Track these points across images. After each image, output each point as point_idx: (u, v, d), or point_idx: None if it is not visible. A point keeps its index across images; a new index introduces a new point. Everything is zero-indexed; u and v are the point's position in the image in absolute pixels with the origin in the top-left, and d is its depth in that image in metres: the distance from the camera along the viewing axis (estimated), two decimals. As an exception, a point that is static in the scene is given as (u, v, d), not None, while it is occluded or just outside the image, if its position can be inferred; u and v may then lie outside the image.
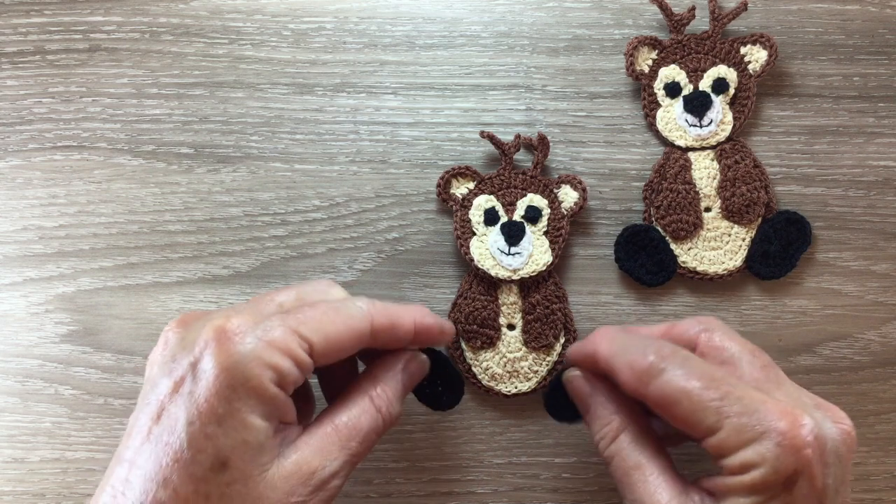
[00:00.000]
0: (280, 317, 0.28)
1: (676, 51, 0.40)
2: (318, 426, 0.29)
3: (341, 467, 0.29)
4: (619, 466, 0.31)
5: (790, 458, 0.27)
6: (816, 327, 0.40)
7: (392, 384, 0.32)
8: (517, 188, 0.40)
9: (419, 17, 0.41)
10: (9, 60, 0.41)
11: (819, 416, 0.28)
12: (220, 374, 0.26)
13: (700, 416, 0.28)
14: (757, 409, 0.27)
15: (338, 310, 0.29)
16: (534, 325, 0.39)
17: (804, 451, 0.27)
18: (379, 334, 0.30)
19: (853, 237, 0.40)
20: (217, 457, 0.26)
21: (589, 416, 0.33)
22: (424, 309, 0.33)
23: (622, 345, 0.31)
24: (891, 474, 0.40)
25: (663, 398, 0.29)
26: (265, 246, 0.41)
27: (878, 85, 0.41)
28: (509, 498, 0.40)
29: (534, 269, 0.39)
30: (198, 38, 0.41)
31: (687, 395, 0.28)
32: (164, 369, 0.28)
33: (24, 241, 0.41)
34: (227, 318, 0.28)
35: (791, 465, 0.27)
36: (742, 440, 0.27)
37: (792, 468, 0.27)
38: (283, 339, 0.27)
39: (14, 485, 0.40)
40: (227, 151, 0.41)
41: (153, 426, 0.27)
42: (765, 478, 0.27)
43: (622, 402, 0.32)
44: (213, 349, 0.27)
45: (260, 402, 0.27)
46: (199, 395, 0.26)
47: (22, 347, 0.40)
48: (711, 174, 0.40)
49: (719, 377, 0.28)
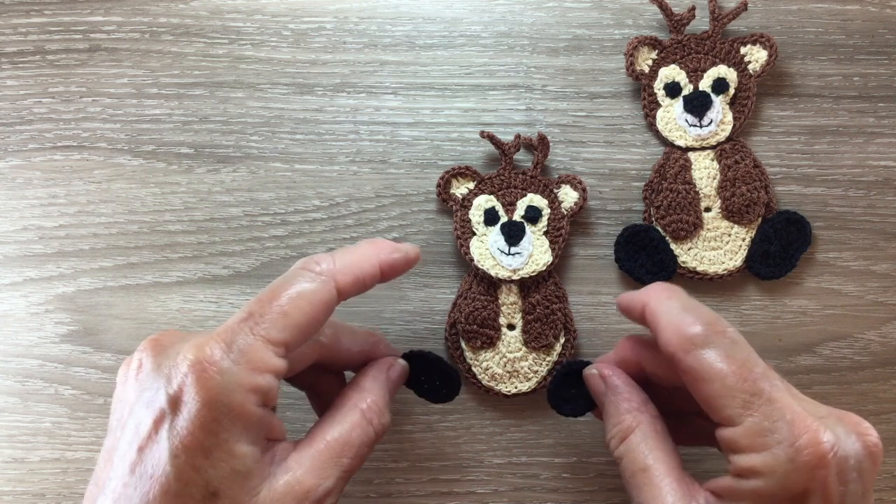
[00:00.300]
0: (248, 327, 0.28)
1: (676, 51, 0.40)
2: (309, 444, 0.29)
3: (335, 484, 0.29)
4: (627, 467, 0.31)
5: (801, 476, 0.26)
6: (816, 327, 0.40)
7: (380, 394, 0.32)
8: (517, 188, 0.40)
9: (419, 17, 0.41)
10: (9, 60, 0.41)
11: (841, 431, 0.27)
12: (203, 408, 0.26)
13: (724, 403, 0.27)
14: (784, 415, 0.27)
15: (300, 293, 0.29)
16: (534, 325, 0.39)
17: (819, 471, 0.26)
18: (346, 292, 0.30)
19: (853, 237, 0.40)
20: (207, 488, 0.26)
21: (603, 414, 0.33)
22: (382, 242, 0.32)
23: (675, 304, 0.30)
24: (891, 474, 0.40)
25: (697, 371, 0.28)
26: (265, 246, 0.41)
27: (878, 85, 0.41)
28: (509, 498, 0.40)
29: (534, 269, 0.39)
30: (198, 38, 0.41)
31: (721, 377, 0.27)
32: (142, 398, 0.27)
33: (24, 241, 0.41)
34: (202, 349, 0.27)
35: (801, 483, 0.26)
36: (757, 443, 0.27)
37: (802, 487, 0.26)
38: (258, 355, 0.27)
39: (14, 485, 0.40)
40: (227, 151, 0.41)
41: (136, 459, 0.26)
42: (770, 490, 0.26)
43: (637, 402, 0.32)
44: (192, 383, 0.26)
45: (245, 427, 0.27)
46: (183, 429, 0.26)
47: (22, 347, 0.40)
48: (711, 174, 0.40)
49: (760, 372, 0.28)
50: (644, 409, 0.32)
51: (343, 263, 0.30)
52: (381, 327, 0.40)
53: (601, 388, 0.33)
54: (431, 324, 0.40)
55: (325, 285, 0.29)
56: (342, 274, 0.30)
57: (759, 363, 0.28)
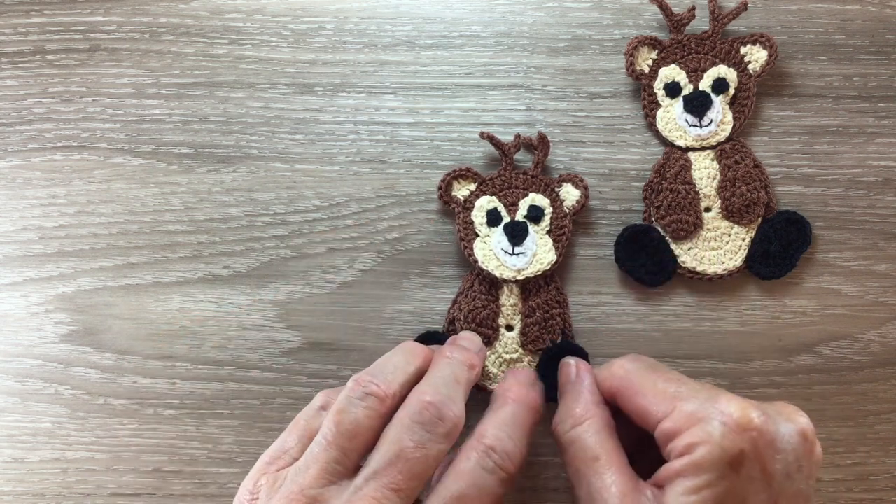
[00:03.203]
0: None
1: (676, 51, 0.40)
2: None
3: None
4: (577, 455, 0.31)
5: (736, 437, 0.27)
6: (816, 327, 0.40)
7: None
8: (518, 188, 0.40)
9: (419, 17, 0.41)
10: (9, 60, 0.41)
11: (771, 410, 0.29)
12: None
13: (655, 402, 0.29)
14: (710, 397, 0.29)
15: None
16: (532, 329, 0.39)
17: (751, 432, 0.27)
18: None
19: (853, 237, 0.40)
20: None
21: (560, 400, 0.34)
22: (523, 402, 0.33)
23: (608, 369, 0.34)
24: (891, 474, 0.40)
25: (622, 385, 0.31)
26: (265, 246, 0.41)
27: (878, 85, 0.41)
28: (509, 498, 0.40)
29: (538, 268, 0.39)
30: (198, 38, 0.41)
31: (648, 383, 0.30)
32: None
33: (24, 241, 0.41)
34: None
35: (737, 444, 0.27)
36: (692, 420, 0.28)
37: (738, 448, 0.27)
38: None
39: (14, 485, 0.40)
40: (227, 151, 0.41)
41: None
42: (711, 455, 0.27)
43: (598, 399, 0.33)
44: None
45: None
46: None
47: (22, 347, 0.40)
48: (711, 174, 0.40)
49: (683, 379, 0.30)
50: (602, 407, 0.33)
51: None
52: (381, 327, 0.40)
53: (570, 377, 0.34)
54: (431, 324, 0.40)
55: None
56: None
57: (676, 372, 0.32)
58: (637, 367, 0.32)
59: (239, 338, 0.40)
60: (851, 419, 0.40)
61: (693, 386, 0.30)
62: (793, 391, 0.40)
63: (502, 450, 0.30)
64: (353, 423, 0.30)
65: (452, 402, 0.30)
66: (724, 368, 0.40)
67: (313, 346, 0.40)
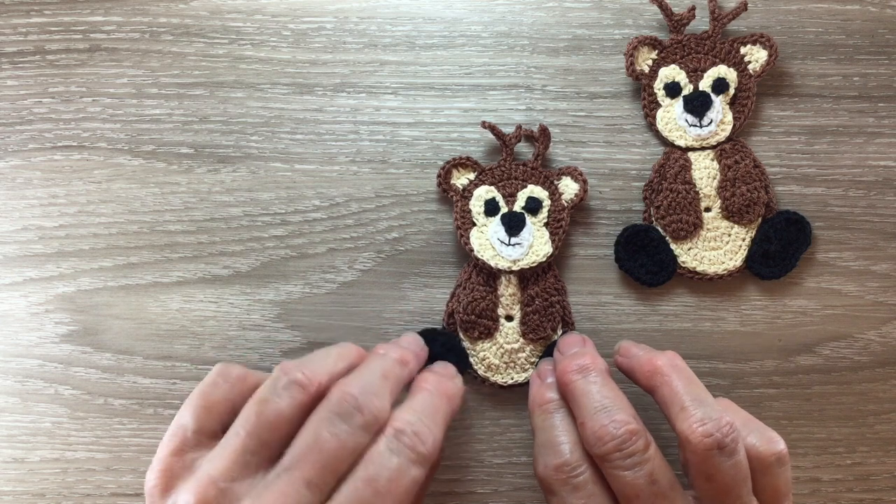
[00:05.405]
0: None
1: (676, 51, 0.40)
2: None
3: None
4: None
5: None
6: (816, 327, 0.40)
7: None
8: (518, 179, 0.40)
9: (419, 17, 0.41)
10: (9, 60, 0.41)
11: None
12: None
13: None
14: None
15: None
16: (532, 317, 0.39)
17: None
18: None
19: (853, 237, 0.40)
20: None
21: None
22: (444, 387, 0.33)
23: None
24: (891, 474, 0.40)
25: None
26: (265, 246, 0.41)
27: (878, 85, 0.41)
28: (509, 498, 0.40)
29: (534, 259, 0.39)
30: (198, 38, 0.41)
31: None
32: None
33: (24, 241, 0.41)
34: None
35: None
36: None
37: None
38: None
39: (14, 485, 0.40)
40: (227, 151, 0.41)
41: None
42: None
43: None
44: None
45: None
46: None
47: (22, 347, 0.40)
48: (711, 174, 0.40)
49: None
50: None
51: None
52: (381, 327, 0.40)
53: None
54: (431, 324, 0.40)
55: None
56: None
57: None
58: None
59: (239, 338, 0.40)
60: (851, 419, 0.40)
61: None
62: (793, 391, 0.40)
63: (412, 431, 0.29)
64: (274, 413, 0.28)
65: (375, 395, 0.29)
66: (724, 368, 0.40)
67: (313, 347, 0.40)
